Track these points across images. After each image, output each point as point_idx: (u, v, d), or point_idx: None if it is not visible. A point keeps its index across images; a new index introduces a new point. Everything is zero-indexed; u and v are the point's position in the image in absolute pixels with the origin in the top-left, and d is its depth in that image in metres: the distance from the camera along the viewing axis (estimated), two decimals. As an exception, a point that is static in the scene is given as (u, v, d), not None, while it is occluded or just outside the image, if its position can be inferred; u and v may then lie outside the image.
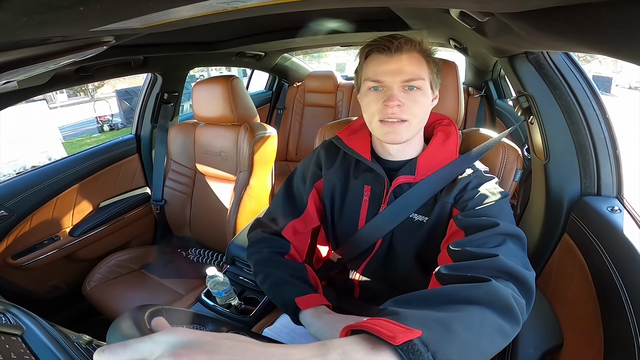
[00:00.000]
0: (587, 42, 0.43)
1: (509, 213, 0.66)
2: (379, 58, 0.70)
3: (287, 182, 0.91)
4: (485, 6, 0.56)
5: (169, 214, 1.68)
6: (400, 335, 0.34)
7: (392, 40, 0.68)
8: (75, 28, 0.46)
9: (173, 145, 1.62)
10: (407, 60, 0.69)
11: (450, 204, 0.72)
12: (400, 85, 0.69)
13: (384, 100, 0.69)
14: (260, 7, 0.54)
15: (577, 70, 0.81)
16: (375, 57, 0.71)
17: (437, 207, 0.73)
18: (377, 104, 0.70)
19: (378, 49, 0.70)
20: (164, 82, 1.73)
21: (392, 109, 0.68)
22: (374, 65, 0.71)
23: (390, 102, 0.68)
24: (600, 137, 0.77)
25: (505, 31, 0.64)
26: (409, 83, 0.69)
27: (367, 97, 0.73)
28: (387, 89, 0.69)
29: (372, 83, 0.71)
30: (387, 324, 0.36)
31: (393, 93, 0.68)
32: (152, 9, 0.43)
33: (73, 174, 1.50)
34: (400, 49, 0.68)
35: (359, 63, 0.76)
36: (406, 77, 0.68)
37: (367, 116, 0.75)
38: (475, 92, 2.27)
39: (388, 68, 0.69)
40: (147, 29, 0.63)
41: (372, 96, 0.72)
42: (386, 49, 0.69)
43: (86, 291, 1.33)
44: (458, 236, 0.63)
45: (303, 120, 2.80)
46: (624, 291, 0.56)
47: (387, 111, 0.69)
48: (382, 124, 0.71)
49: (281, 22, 1.44)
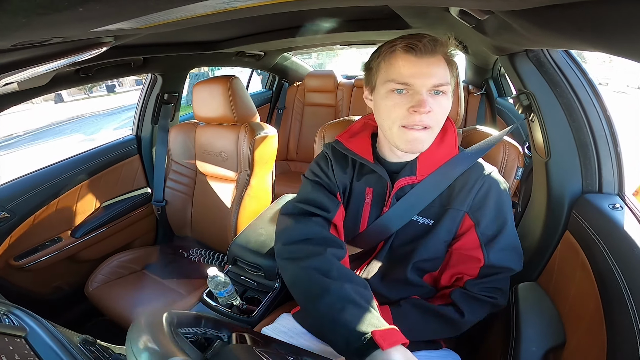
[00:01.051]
0: (586, 39, 0.43)
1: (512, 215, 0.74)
2: (407, 58, 0.64)
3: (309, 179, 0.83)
4: (485, 4, 0.56)
5: (170, 215, 1.68)
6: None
7: (422, 40, 0.63)
8: (75, 29, 0.46)
9: (174, 146, 1.62)
10: (436, 63, 0.64)
11: (463, 212, 0.71)
12: (429, 89, 0.64)
13: (411, 106, 0.64)
14: (259, 7, 0.54)
15: (577, 67, 0.81)
16: (402, 56, 0.64)
17: (449, 215, 0.72)
18: (402, 108, 0.65)
19: (406, 48, 0.64)
20: (164, 83, 1.73)
21: (421, 116, 0.64)
22: (401, 65, 0.64)
23: (421, 108, 0.63)
24: (601, 134, 0.77)
25: (505, 29, 0.64)
26: (437, 88, 0.65)
27: (389, 99, 0.67)
28: (415, 93, 0.64)
29: (397, 85, 0.65)
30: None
31: (423, 98, 0.63)
32: (152, 9, 0.43)
33: (74, 175, 1.51)
34: (431, 51, 0.63)
35: (375, 60, 0.70)
36: (436, 81, 0.64)
37: (387, 121, 0.69)
38: (475, 90, 2.27)
39: (419, 70, 0.63)
40: (147, 29, 0.63)
41: (396, 99, 0.66)
42: (416, 49, 0.63)
43: (89, 292, 1.34)
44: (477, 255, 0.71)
45: (303, 119, 2.80)
46: (627, 289, 0.56)
47: (414, 118, 0.65)
48: (406, 130, 0.67)
49: (281, 22, 1.44)
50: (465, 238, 0.72)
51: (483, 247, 0.70)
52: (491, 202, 0.71)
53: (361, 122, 0.87)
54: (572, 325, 0.69)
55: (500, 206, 0.71)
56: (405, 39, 0.64)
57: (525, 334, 0.70)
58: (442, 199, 0.74)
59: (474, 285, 0.71)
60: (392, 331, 0.55)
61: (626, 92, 9.14)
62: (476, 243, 0.71)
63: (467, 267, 0.72)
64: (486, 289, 0.71)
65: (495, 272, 0.71)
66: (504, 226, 0.71)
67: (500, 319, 0.80)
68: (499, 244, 0.70)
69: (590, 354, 0.60)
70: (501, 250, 0.71)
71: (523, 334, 0.70)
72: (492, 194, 0.71)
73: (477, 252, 0.71)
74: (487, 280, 0.71)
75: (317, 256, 0.67)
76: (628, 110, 6.18)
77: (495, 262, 0.70)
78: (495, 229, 0.71)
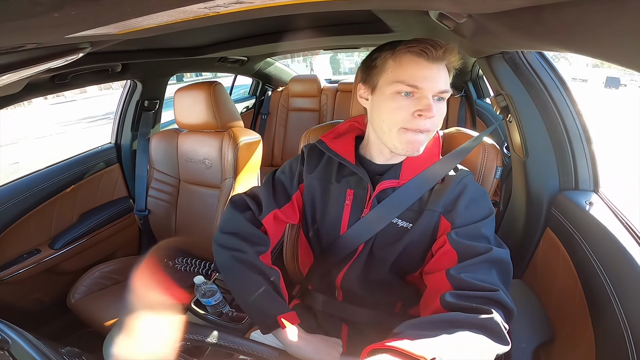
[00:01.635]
0: (557, 40, 0.45)
1: (494, 226, 0.71)
2: (419, 61, 0.64)
3: (272, 174, 0.89)
4: (462, 7, 0.58)
5: (153, 224, 1.64)
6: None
7: (435, 47, 0.63)
8: (50, 35, 0.45)
9: (155, 154, 1.58)
10: (443, 70, 0.66)
11: (438, 213, 0.72)
12: (434, 95, 0.65)
13: (418, 109, 0.64)
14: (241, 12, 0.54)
15: (550, 69, 0.84)
16: (413, 59, 0.64)
17: (425, 216, 0.72)
18: (407, 111, 0.65)
19: (419, 51, 0.64)
20: (144, 89, 1.70)
21: (425, 120, 0.65)
22: (412, 68, 0.64)
23: (428, 113, 0.63)
24: (575, 133, 0.80)
25: (482, 32, 0.66)
26: (442, 94, 0.66)
27: (394, 101, 0.66)
28: (422, 97, 0.64)
29: (406, 87, 0.64)
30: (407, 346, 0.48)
31: (430, 103, 0.64)
32: (130, 15, 0.42)
33: (51, 186, 1.45)
34: (441, 58, 0.64)
35: (381, 58, 0.69)
36: (442, 87, 0.65)
37: (388, 123, 0.68)
38: (455, 92, 2.32)
39: (429, 74, 0.64)
40: (125, 35, 0.62)
41: (402, 102, 0.65)
42: (429, 54, 0.63)
43: (71, 304, 1.29)
44: (451, 255, 0.66)
45: (288, 124, 2.80)
46: (608, 282, 0.58)
47: (417, 122, 0.65)
48: (406, 131, 0.67)
49: (264, 27, 1.44)
50: (442, 238, 0.72)
51: (457, 248, 0.68)
52: (463, 202, 0.71)
53: (347, 124, 0.87)
54: (558, 321, 0.71)
55: (475, 206, 0.71)
56: (419, 43, 0.64)
57: (514, 331, 0.71)
58: (421, 202, 0.74)
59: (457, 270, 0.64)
60: (291, 315, 0.73)
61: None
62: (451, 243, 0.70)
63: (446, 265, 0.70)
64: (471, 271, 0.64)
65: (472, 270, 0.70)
66: (480, 226, 0.69)
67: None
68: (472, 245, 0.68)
69: (579, 349, 0.61)
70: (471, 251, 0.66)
71: (512, 332, 0.71)
72: (465, 194, 0.71)
73: (452, 253, 0.68)
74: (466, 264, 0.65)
75: (239, 251, 0.77)
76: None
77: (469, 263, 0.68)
78: (470, 229, 0.69)
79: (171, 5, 0.40)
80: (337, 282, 0.81)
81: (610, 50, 0.36)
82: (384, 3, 0.70)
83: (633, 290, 0.54)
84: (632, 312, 0.52)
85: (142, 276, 1.43)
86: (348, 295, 0.82)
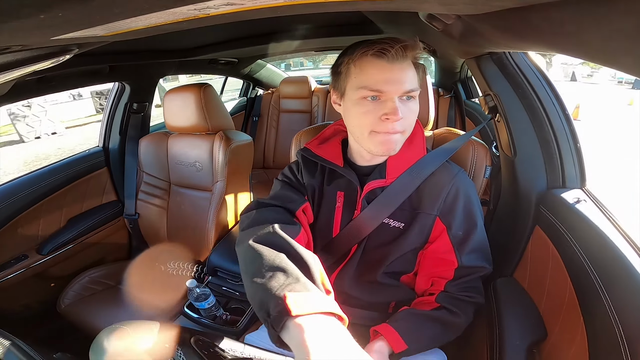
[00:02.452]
0: (543, 41, 0.46)
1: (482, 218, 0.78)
2: (379, 64, 0.63)
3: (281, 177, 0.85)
4: (451, 8, 0.58)
5: (144, 228, 1.62)
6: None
7: (393, 45, 0.61)
8: (36, 37, 0.44)
9: (145, 157, 1.57)
10: (407, 69, 0.64)
11: (434, 216, 0.73)
12: (400, 96, 0.64)
13: (384, 113, 0.64)
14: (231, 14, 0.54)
15: (536, 69, 0.86)
16: (372, 62, 0.63)
17: (419, 219, 0.73)
18: (374, 116, 0.65)
19: (378, 53, 0.62)
20: (132, 92, 1.68)
21: (394, 123, 0.64)
22: (373, 72, 0.63)
23: (393, 116, 0.63)
24: (562, 132, 0.82)
25: (470, 32, 0.67)
26: (409, 94, 0.65)
27: (361, 106, 0.66)
28: (387, 100, 0.64)
29: (370, 92, 0.64)
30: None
31: (396, 106, 0.63)
32: (117, 16, 0.42)
33: (37, 191, 1.42)
34: (402, 56, 0.63)
35: (344, 64, 0.69)
36: (408, 86, 0.64)
37: (359, 128, 0.69)
38: (445, 93, 2.35)
39: (391, 77, 0.63)
40: (113, 37, 0.61)
41: (368, 107, 0.65)
42: (388, 54, 0.62)
43: (61, 309, 1.28)
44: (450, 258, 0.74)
45: (279, 126, 2.79)
46: (596, 277, 0.59)
47: (385, 125, 0.65)
48: (376, 135, 0.67)
49: (254, 29, 1.44)
50: (438, 242, 0.74)
51: (456, 250, 0.73)
52: (460, 205, 0.73)
53: (332, 129, 0.88)
54: (551, 318, 0.71)
55: (469, 208, 0.73)
56: (375, 44, 0.63)
57: (507, 328, 0.72)
58: (412, 202, 0.75)
59: (452, 287, 0.74)
60: (310, 296, 0.46)
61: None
62: (449, 246, 0.73)
63: (442, 269, 0.74)
64: (464, 289, 0.74)
65: (468, 272, 0.74)
66: (474, 228, 0.73)
67: (483, 315, 0.82)
68: (470, 246, 0.73)
69: (572, 346, 0.62)
70: (473, 251, 0.73)
71: (506, 329, 0.72)
72: (461, 196, 0.73)
73: (450, 254, 0.73)
74: (462, 281, 0.73)
75: (266, 233, 0.61)
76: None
77: (468, 263, 0.73)
78: (466, 231, 0.73)
79: (160, 6, 0.40)
80: (330, 283, 0.80)
81: (595, 50, 0.37)
82: (374, 5, 0.71)
83: (621, 284, 0.55)
84: (622, 307, 0.53)
85: (133, 281, 1.42)
86: (342, 296, 0.82)
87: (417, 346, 0.67)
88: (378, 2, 0.55)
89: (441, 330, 0.71)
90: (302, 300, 0.44)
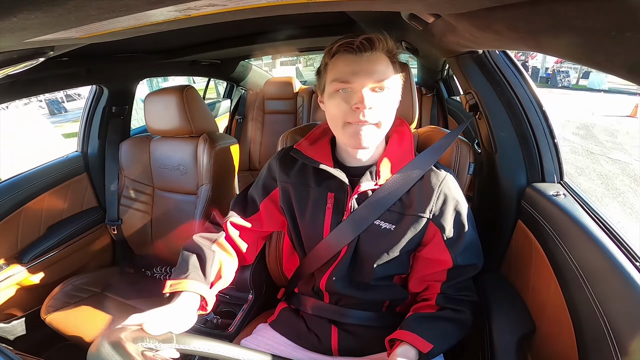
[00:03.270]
0: (520, 40, 0.47)
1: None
2: (347, 57, 0.67)
3: (249, 185, 0.94)
4: (432, 8, 0.59)
5: (128, 233, 1.57)
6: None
7: (361, 41, 0.65)
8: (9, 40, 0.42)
9: (126, 161, 1.53)
10: (376, 60, 0.66)
11: (427, 219, 0.74)
12: (370, 87, 0.66)
13: (354, 103, 0.66)
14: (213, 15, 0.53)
15: (514, 67, 0.88)
16: (342, 56, 0.67)
17: (410, 221, 0.74)
18: (345, 106, 0.67)
19: (346, 48, 0.66)
20: (111, 95, 1.63)
21: (363, 112, 0.66)
22: (342, 65, 0.67)
23: (361, 104, 0.65)
24: (540, 128, 0.84)
25: (451, 32, 0.68)
26: (379, 84, 0.67)
27: (333, 99, 0.69)
28: (356, 90, 0.66)
29: (340, 85, 0.67)
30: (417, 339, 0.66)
31: (362, 96, 0.65)
32: (94, 18, 0.41)
33: (14, 198, 1.36)
34: (369, 48, 0.66)
35: (322, 64, 0.73)
36: (377, 77, 0.66)
37: (335, 120, 0.71)
38: (427, 91, 2.38)
39: (359, 68, 0.66)
40: (89, 39, 0.59)
41: (340, 98, 0.68)
42: (355, 48, 0.66)
43: (45, 317, 1.23)
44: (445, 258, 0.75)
45: (264, 128, 2.77)
46: (578, 268, 0.60)
47: (356, 115, 0.66)
48: (349, 126, 0.69)
49: (237, 29, 1.42)
50: (432, 244, 0.75)
51: (450, 251, 0.73)
52: (451, 207, 0.74)
53: (321, 129, 0.88)
54: (537, 311, 0.73)
55: (459, 209, 0.75)
56: (345, 40, 0.67)
57: (497, 323, 0.74)
58: (402, 204, 0.75)
59: (448, 288, 0.75)
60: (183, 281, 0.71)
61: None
62: (442, 247, 0.74)
63: (435, 271, 0.76)
64: (459, 289, 0.75)
65: (462, 272, 0.75)
66: (465, 227, 0.75)
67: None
68: (463, 245, 0.74)
69: (560, 338, 0.63)
70: (465, 250, 0.74)
71: (494, 324, 0.74)
72: (451, 198, 0.74)
73: (445, 255, 0.74)
74: (456, 282, 0.75)
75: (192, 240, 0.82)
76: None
77: (462, 263, 0.74)
78: (458, 231, 0.74)
79: (138, 8, 0.39)
80: (322, 284, 0.81)
81: (570, 49, 0.39)
82: (356, 5, 0.71)
83: (602, 274, 0.56)
84: (604, 297, 0.54)
85: (119, 287, 1.38)
86: (334, 297, 0.82)
87: (441, 344, 0.68)
88: (360, 2, 0.55)
89: (454, 327, 0.72)
90: (174, 284, 0.71)
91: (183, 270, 0.73)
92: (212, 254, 0.77)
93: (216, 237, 0.81)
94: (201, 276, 0.72)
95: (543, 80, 15.05)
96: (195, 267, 0.74)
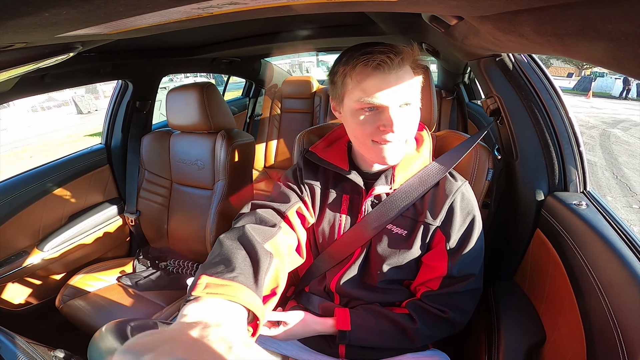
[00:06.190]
0: (547, 44, 0.46)
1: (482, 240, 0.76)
2: (376, 76, 0.62)
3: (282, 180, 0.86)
4: (454, 10, 0.58)
5: (144, 225, 1.62)
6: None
7: (389, 55, 0.61)
8: (40, 34, 0.44)
9: (147, 155, 1.57)
10: (403, 77, 0.63)
11: (436, 227, 0.73)
12: (398, 105, 0.64)
13: (381, 124, 0.64)
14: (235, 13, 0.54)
15: (540, 71, 0.85)
16: (368, 73, 0.62)
17: (421, 228, 0.73)
18: (372, 126, 0.65)
19: (374, 65, 0.61)
20: (135, 90, 1.68)
21: (390, 134, 0.64)
22: (369, 83, 0.63)
23: (390, 127, 0.63)
24: (564, 135, 0.81)
25: (474, 34, 0.67)
26: (406, 103, 0.65)
27: (356, 117, 0.66)
28: (383, 110, 0.64)
29: (365, 104, 0.64)
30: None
31: (391, 117, 0.63)
32: (122, 15, 0.42)
33: (39, 187, 1.43)
34: (398, 65, 0.62)
35: (339, 71, 0.68)
36: (404, 95, 0.64)
37: (357, 138, 0.70)
38: (447, 94, 2.35)
39: (387, 87, 0.62)
40: (117, 35, 0.61)
41: (366, 117, 0.65)
42: (384, 65, 0.61)
43: (60, 306, 1.28)
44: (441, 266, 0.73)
45: (281, 126, 2.79)
46: (596, 281, 0.59)
47: (383, 136, 0.65)
48: (375, 145, 0.67)
49: (257, 28, 1.44)
50: (435, 250, 0.74)
51: (449, 259, 0.72)
52: (460, 217, 0.72)
53: (338, 132, 0.88)
54: (550, 321, 0.71)
55: (469, 220, 0.73)
56: (371, 54, 0.61)
57: (506, 331, 0.72)
58: (415, 210, 0.75)
59: (427, 297, 0.74)
60: (226, 284, 0.46)
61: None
62: (443, 255, 0.73)
63: (430, 277, 0.74)
64: (441, 303, 0.73)
65: (455, 282, 0.73)
66: (472, 240, 0.73)
67: (483, 317, 0.82)
68: (463, 257, 0.72)
69: (570, 349, 0.62)
70: (464, 262, 0.72)
71: (504, 332, 0.72)
72: (462, 208, 0.73)
73: (442, 262, 0.72)
74: (444, 293, 0.73)
75: (236, 231, 0.63)
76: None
77: (456, 273, 0.72)
78: (462, 242, 0.72)
79: (164, 5, 0.40)
80: (332, 285, 0.81)
81: (600, 54, 0.37)
82: (376, 6, 0.71)
83: (621, 289, 0.55)
84: (621, 312, 0.53)
85: (133, 278, 1.42)
86: (345, 299, 0.82)
87: (361, 334, 0.73)
88: (380, 3, 0.55)
89: (396, 332, 0.73)
90: (214, 284, 0.46)
91: (226, 265, 0.51)
92: (268, 256, 0.57)
93: (272, 233, 0.66)
94: (253, 284, 0.50)
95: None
96: (245, 266, 0.52)
